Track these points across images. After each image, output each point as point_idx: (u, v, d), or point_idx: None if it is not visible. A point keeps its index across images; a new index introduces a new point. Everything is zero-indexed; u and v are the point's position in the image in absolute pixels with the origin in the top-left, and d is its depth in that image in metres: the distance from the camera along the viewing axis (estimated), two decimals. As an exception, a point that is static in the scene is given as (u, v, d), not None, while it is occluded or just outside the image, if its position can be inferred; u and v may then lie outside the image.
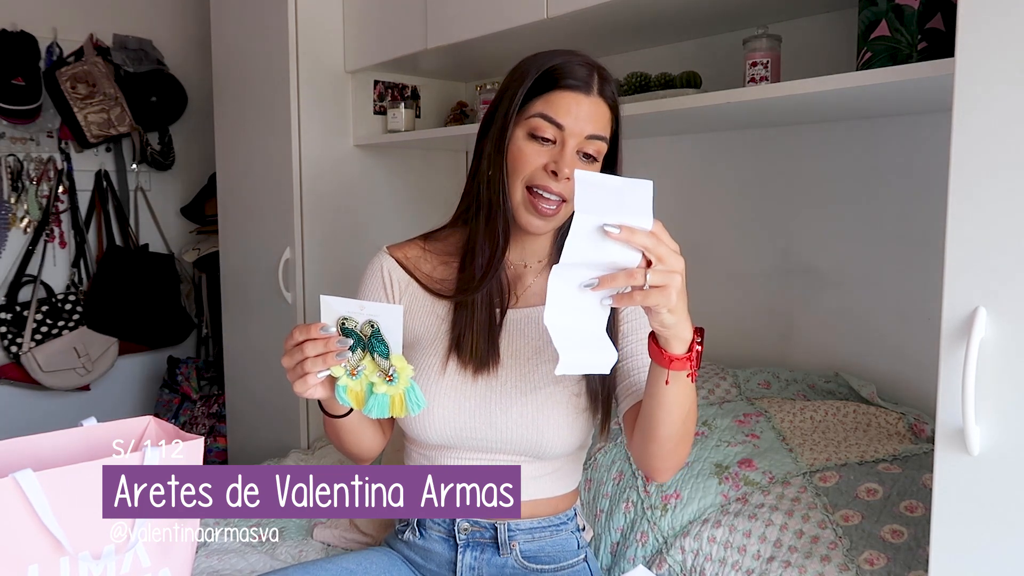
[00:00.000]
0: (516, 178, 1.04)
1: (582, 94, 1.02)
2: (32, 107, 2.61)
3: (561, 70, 1.03)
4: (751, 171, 1.70)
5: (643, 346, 1.06)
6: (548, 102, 1.03)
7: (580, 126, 1.02)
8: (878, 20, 1.17)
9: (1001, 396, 0.83)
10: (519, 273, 1.16)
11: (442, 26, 1.82)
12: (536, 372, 1.09)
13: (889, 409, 1.40)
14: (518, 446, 1.09)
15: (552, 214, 1.04)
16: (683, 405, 0.95)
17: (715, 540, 1.21)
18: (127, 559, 0.99)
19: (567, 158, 1.01)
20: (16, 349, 2.66)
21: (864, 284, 1.53)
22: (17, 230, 2.71)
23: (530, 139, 1.04)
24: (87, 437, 1.10)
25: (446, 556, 1.15)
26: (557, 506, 1.17)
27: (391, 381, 0.92)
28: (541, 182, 1.03)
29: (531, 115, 1.03)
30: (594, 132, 1.03)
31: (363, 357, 0.92)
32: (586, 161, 1.04)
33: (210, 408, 2.81)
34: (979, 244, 0.84)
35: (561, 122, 1.02)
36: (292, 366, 0.92)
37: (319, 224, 2.13)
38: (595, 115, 1.03)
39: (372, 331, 0.91)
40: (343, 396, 0.94)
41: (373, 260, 1.19)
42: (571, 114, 1.02)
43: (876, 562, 1.08)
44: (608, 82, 1.06)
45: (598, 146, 1.04)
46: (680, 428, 0.98)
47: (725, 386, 1.54)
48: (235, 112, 2.31)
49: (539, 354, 1.10)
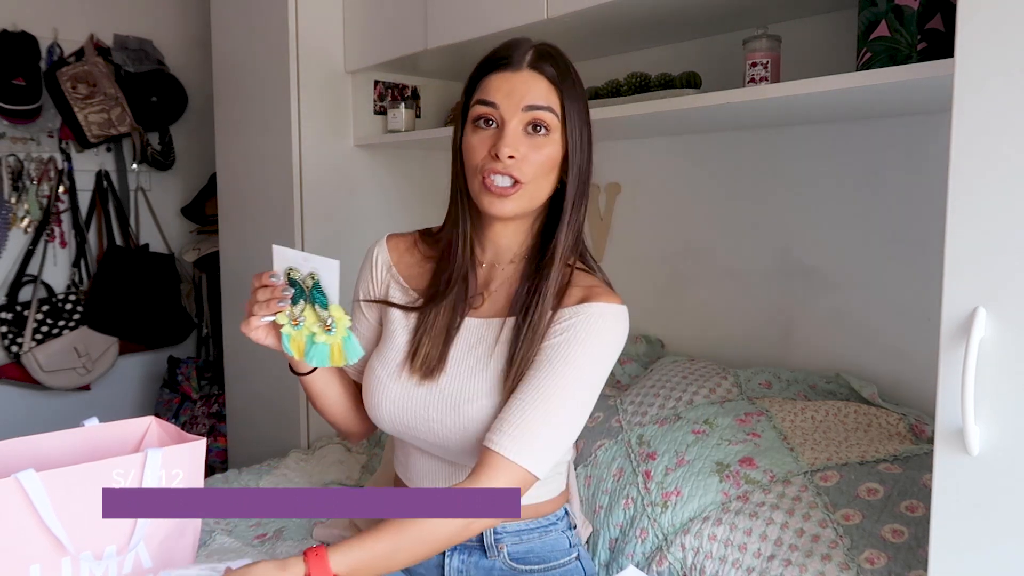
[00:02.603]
0: (470, 170, 1.06)
1: (510, 71, 1.04)
2: (33, 107, 2.61)
3: (492, 55, 1.07)
4: (751, 171, 1.70)
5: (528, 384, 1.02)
6: (483, 88, 1.05)
7: (513, 100, 1.02)
8: (878, 20, 1.17)
9: (1001, 396, 0.84)
10: (490, 275, 1.14)
11: (442, 26, 1.83)
12: (473, 382, 1.07)
13: (890, 410, 1.40)
14: (463, 454, 1.08)
15: (504, 192, 1.02)
16: (380, 570, 0.93)
17: (716, 538, 1.22)
18: (128, 559, 0.99)
19: (507, 137, 1.01)
20: (17, 349, 2.66)
21: (864, 284, 1.53)
22: (18, 230, 2.71)
23: (475, 129, 1.06)
24: (89, 437, 1.11)
25: (434, 560, 1.15)
26: (540, 510, 1.16)
27: (329, 331, 0.98)
28: (487, 166, 1.03)
29: (472, 105, 1.06)
30: (531, 103, 1.02)
31: (304, 308, 0.99)
32: (536, 134, 1.03)
33: (210, 408, 2.81)
34: (979, 244, 0.84)
35: (492, 99, 1.03)
36: (246, 308, 1.02)
37: (319, 224, 2.13)
38: (529, 88, 1.03)
39: (313, 283, 0.97)
40: (287, 345, 1.01)
41: (374, 243, 1.24)
42: (501, 91, 1.03)
43: (876, 561, 1.09)
44: (547, 58, 1.05)
45: (540, 116, 1.02)
46: (414, 559, 0.96)
47: (726, 385, 1.54)
48: (235, 112, 2.31)
49: (483, 366, 1.08)
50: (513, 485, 0.98)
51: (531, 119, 1.02)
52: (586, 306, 1.05)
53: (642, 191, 1.92)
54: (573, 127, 1.04)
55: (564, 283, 1.07)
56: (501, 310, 1.11)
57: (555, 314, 1.05)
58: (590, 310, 1.04)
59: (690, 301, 1.84)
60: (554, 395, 1.00)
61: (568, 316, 1.04)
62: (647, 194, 1.91)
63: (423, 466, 1.17)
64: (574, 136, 1.04)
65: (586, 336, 1.03)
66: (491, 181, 1.02)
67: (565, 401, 1.01)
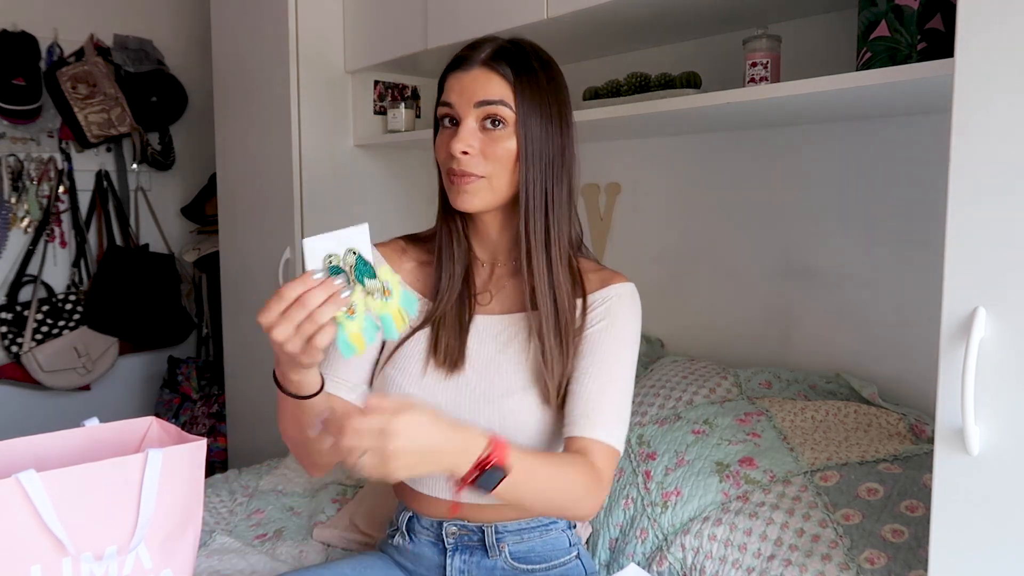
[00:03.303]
0: (442, 170, 1.10)
1: (461, 71, 1.06)
2: (32, 107, 2.61)
3: (454, 57, 1.09)
4: (751, 171, 1.70)
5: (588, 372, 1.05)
6: (444, 89, 1.09)
7: (465, 98, 1.05)
8: (878, 20, 1.17)
9: (1001, 396, 0.84)
10: (491, 273, 1.16)
11: (442, 26, 1.83)
12: (507, 377, 1.09)
13: (890, 410, 1.40)
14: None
15: (462, 183, 1.05)
16: (529, 494, 0.92)
17: (716, 538, 1.22)
18: (129, 560, 0.99)
19: (459, 133, 1.04)
20: (17, 349, 2.66)
21: (864, 284, 1.53)
22: (18, 230, 2.71)
23: (441, 129, 1.09)
24: (89, 438, 1.11)
25: (435, 560, 1.15)
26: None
27: (388, 297, 0.88)
28: (449, 165, 1.06)
29: (437, 107, 1.10)
30: (482, 98, 1.04)
31: (353, 291, 0.86)
32: (494, 128, 1.04)
33: (210, 408, 2.81)
34: (979, 244, 0.84)
35: (448, 99, 1.06)
36: (293, 330, 0.82)
37: (319, 224, 2.13)
38: (479, 84, 1.04)
39: (356, 257, 0.86)
40: (346, 343, 0.86)
41: None
42: (454, 90, 1.06)
43: (876, 561, 1.09)
44: (504, 54, 1.06)
45: (492, 110, 1.03)
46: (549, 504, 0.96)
47: (726, 385, 1.54)
48: (235, 112, 2.31)
49: (516, 360, 1.10)
50: (612, 467, 1.03)
51: (484, 114, 1.04)
52: (608, 290, 1.11)
53: (642, 191, 1.92)
54: (527, 118, 1.04)
55: (576, 272, 1.11)
56: (513, 306, 1.13)
57: (585, 302, 1.10)
58: (617, 292, 1.10)
59: (690, 301, 1.84)
60: (618, 375, 1.06)
61: (600, 302, 1.10)
62: (647, 194, 1.91)
63: None
64: (529, 126, 1.04)
65: (622, 316, 1.09)
66: (454, 176, 1.06)
67: (627, 379, 1.08)
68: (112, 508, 0.96)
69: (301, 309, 0.81)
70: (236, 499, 1.66)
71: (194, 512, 1.06)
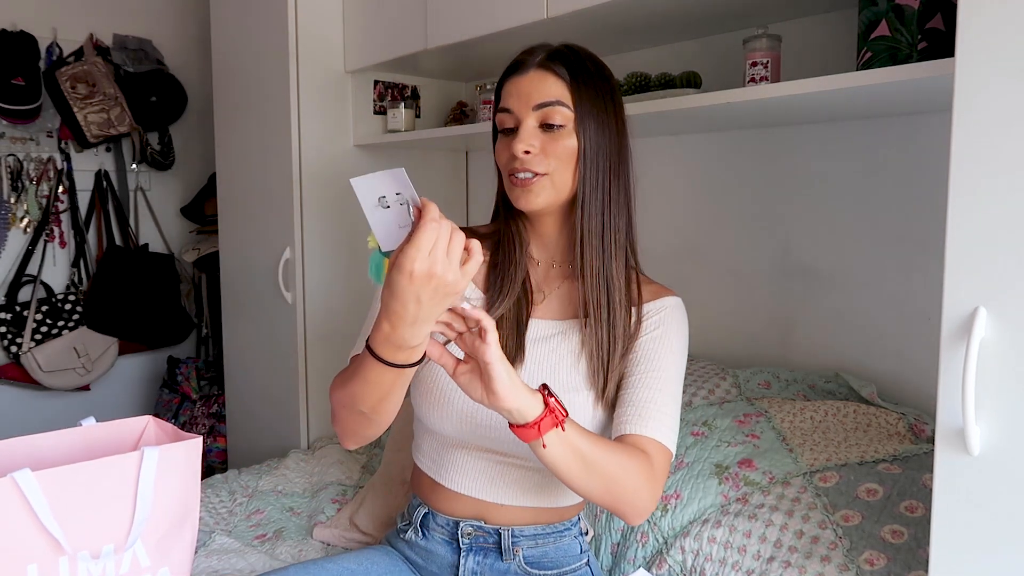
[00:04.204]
0: (503, 174, 1.12)
1: (519, 75, 1.08)
2: (32, 107, 2.61)
3: (508, 67, 1.11)
4: (751, 171, 1.70)
5: (642, 379, 1.07)
6: (501, 97, 1.11)
7: (523, 101, 1.06)
8: (878, 20, 1.17)
9: (1001, 396, 0.83)
10: (547, 274, 1.16)
11: (442, 26, 1.82)
12: (563, 378, 1.09)
13: (889, 409, 1.40)
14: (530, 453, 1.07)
15: (525, 184, 1.06)
16: (575, 459, 0.93)
17: (715, 540, 1.21)
18: (126, 558, 0.99)
19: (520, 134, 1.05)
20: (16, 349, 2.66)
21: (864, 284, 1.53)
22: (17, 230, 2.71)
23: (501, 137, 1.11)
24: (86, 437, 1.11)
25: (448, 559, 1.15)
26: (563, 514, 1.17)
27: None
28: (511, 166, 1.07)
29: (496, 116, 1.11)
30: (540, 101, 1.05)
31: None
32: (551, 131, 1.05)
33: (210, 408, 2.81)
34: (979, 244, 0.84)
35: (507, 106, 1.08)
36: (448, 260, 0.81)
37: (319, 224, 2.13)
38: (536, 87, 1.06)
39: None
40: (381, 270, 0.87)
41: None
42: (512, 96, 1.08)
43: (876, 562, 1.08)
44: (558, 56, 1.07)
45: (550, 113, 1.05)
46: (592, 479, 0.95)
47: (725, 386, 1.54)
48: (235, 112, 2.30)
49: (570, 363, 1.10)
50: (666, 467, 1.04)
51: (542, 116, 1.05)
52: (662, 301, 1.13)
53: (642, 191, 1.90)
54: (585, 117, 1.05)
55: (634, 279, 1.13)
56: (565, 311, 1.13)
57: (640, 311, 1.11)
58: (670, 304, 1.14)
59: (690, 301, 1.83)
60: (671, 380, 1.08)
61: (655, 311, 1.12)
62: (647, 194, 1.89)
63: (469, 465, 1.13)
64: (587, 125, 1.06)
65: (674, 327, 1.12)
66: (516, 178, 1.07)
67: (678, 389, 1.10)
68: (108, 506, 0.96)
69: (443, 242, 0.81)
70: (236, 499, 1.66)
71: (191, 510, 1.06)
